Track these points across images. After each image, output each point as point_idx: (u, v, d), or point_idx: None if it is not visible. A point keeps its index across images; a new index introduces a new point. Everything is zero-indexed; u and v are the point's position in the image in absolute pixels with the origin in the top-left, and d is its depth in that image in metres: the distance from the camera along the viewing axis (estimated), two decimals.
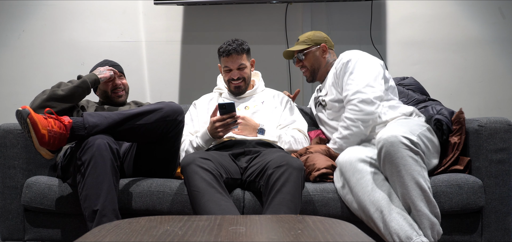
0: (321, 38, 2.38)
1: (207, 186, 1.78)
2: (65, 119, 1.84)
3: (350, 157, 1.92)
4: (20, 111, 1.77)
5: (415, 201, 1.79)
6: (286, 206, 1.76)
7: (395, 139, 1.80)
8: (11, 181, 2.11)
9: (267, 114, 2.35)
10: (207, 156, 1.91)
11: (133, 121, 1.92)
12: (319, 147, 2.17)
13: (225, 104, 2.10)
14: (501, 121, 2.00)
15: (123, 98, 2.47)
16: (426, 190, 1.80)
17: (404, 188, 1.80)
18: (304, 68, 2.39)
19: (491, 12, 3.15)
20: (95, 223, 1.73)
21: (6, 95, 3.18)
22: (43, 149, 1.80)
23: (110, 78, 2.39)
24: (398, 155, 1.80)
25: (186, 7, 3.19)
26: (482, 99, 3.16)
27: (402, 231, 1.75)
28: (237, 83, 2.36)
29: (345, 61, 2.19)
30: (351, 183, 1.89)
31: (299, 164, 1.86)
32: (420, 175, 1.80)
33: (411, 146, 1.81)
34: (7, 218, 2.10)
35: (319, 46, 2.36)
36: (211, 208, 1.73)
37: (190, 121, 2.40)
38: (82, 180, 1.80)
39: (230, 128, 2.14)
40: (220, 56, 2.36)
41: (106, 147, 1.80)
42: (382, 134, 1.86)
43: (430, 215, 1.79)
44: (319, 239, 1.07)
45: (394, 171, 1.82)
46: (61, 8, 3.20)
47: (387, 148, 1.82)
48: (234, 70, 2.33)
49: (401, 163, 1.80)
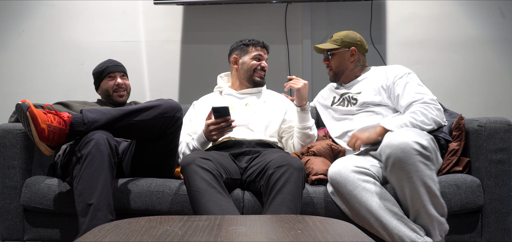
0: (354, 41, 2.34)
1: (207, 186, 1.78)
2: (64, 114, 1.85)
3: (339, 169, 1.90)
4: (20, 105, 1.77)
5: (426, 205, 1.78)
6: (287, 206, 1.76)
7: (406, 146, 1.76)
8: (11, 181, 2.11)
9: (269, 114, 2.36)
10: (207, 156, 1.91)
11: (131, 117, 1.92)
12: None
13: (219, 108, 2.09)
14: (501, 121, 2.00)
15: (124, 98, 2.48)
16: (436, 194, 1.79)
17: (414, 193, 1.78)
18: (329, 67, 2.39)
19: (491, 12, 3.15)
20: (89, 218, 1.72)
21: (6, 95, 3.18)
22: (42, 144, 1.80)
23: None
24: (409, 161, 1.76)
25: (186, 7, 3.19)
26: (482, 99, 3.16)
27: (406, 237, 1.76)
28: (262, 74, 2.44)
29: (407, 71, 2.21)
30: (344, 195, 1.87)
31: (299, 164, 1.86)
32: (431, 179, 1.79)
33: (422, 151, 1.77)
34: (6, 218, 2.10)
35: (349, 49, 2.33)
36: (211, 208, 1.73)
37: (188, 121, 2.40)
38: (78, 174, 1.79)
39: (224, 132, 2.14)
40: (249, 46, 2.43)
41: (104, 142, 1.80)
42: (391, 140, 1.81)
43: (439, 217, 1.80)
44: (319, 239, 1.07)
45: (404, 177, 1.79)
46: (61, 8, 3.20)
47: (397, 154, 1.77)
48: (264, 61, 2.44)
49: (413, 170, 1.76)
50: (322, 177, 2.01)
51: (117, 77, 2.46)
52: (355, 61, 2.34)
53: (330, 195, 1.94)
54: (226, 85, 2.50)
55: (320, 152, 2.16)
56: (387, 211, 1.79)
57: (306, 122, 2.26)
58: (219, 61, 3.13)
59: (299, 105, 2.26)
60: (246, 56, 2.42)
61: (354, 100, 2.26)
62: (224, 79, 2.55)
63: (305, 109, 2.26)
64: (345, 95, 2.32)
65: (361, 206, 1.83)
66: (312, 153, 2.17)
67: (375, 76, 2.27)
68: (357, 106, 2.23)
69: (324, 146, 2.17)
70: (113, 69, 2.47)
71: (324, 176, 2.01)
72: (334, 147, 2.17)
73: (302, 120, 2.26)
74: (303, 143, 2.28)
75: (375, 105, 2.20)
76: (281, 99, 2.46)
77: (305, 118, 2.26)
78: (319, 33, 3.15)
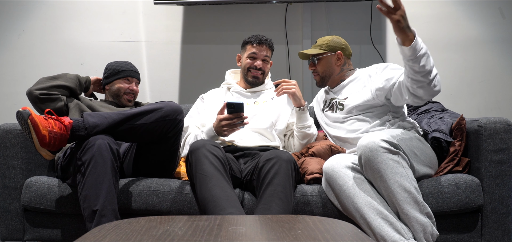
0: (339, 45, 2.33)
1: (215, 171, 1.79)
2: (65, 119, 1.85)
3: (332, 164, 1.90)
4: (20, 112, 1.77)
5: (401, 204, 1.75)
6: (278, 197, 1.76)
7: (373, 144, 1.76)
8: (11, 181, 2.11)
9: (276, 111, 2.36)
10: (216, 145, 1.92)
11: (133, 121, 1.92)
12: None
13: (234, 103, 2.06)
14: (501, 121, 2.00)
15: (131, 104, 2.50)
16: (412, 192, 1.75)
17: (389, 192, 1.77)
18: (315, 73, 2.36)
19: (491, 12, 3.15)
20: (95, 223, 1.73)
21: (6, 95, 3.18)
22: (43, 150, 1.81)
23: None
24: (377, 159, 1.76)
25: (186, 7, 3.19)
26: (482, 99, 3.16)
27: (388, 237, 1.72)
28: (256, 73, 2.39)
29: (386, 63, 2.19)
30: (335, 190, 1.87)
31: (288, 157, 1.87)
32: (403, 177, 1.75)
33: (390, 148, 1.76)
34: (7, 218, 2.10)
35: (335, 53, 2.32)
36: (217, 192, 1.73)
37: (196, 114, 2.39)
38: (82, 180, 1.80)
39: (236, 128, 2.12)
40: (247, 44, 2.41)
41: (106, 147, 1.80)
42: (361, 141, 1.82)
43: (419, 217, 1.74)
44: (319, 239, 1.07)
45: (376, 177, 1.78)
46: (61, 8, 3.20)
47: (365, 154, 1.78)
48: (259, 60, 2.37)
49: (382, 168, 1.76)
50: (317, 176, 2.01)
51: (133, 83, 2.48)
52: (341, 65, 2.33)
53: (325, 191, 1.95)
54: (234, 81, 2.49)
55: (320, 152, 2.16)
56: (372, 209, 1.77)
57: (305, 121, 2.26)
58: (219, 61, 3.13)
59: (298, 106, 2.26)
60: (244, 54, 2.42)
61: (341, 106, 2.25)
62: (232, 75, 2.55)
63: (303, 109, 2.26)
64: (333, 100, 2.33)
65: (348, 202, 1.83)
66: (311, 154, 2.17)
67: (359, 78, 2.26)
68: (344, 113, 2.22)
69: (324, 146, 2.17)
70: (133, 74, 2.49)
71: (320, 174, 2.01)
72: (334, 148, 2.17)
73: (302, 120, 2.26)
74: (302, 141, 2.28)
75: (362, 110, 2.17)
76: (288, 98, 2.45)
77: (304, 117, 2.26)
78: (319, 33, 3.15)
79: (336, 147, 2.18)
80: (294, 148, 2.35)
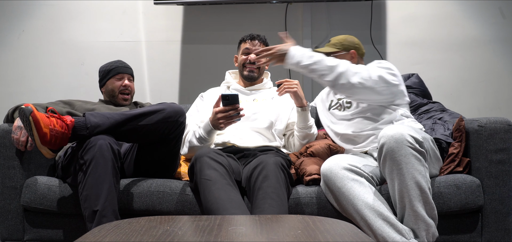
0: (352, 44, 2.34)
1: (219, 176, 1.80)
2: (67, 118, 1.84)
3: (330, 166, 1.89)
4: (22, 109, 1.77)
5: (413, 201, 1.75)
6: (269, 197, 1.76)
7: (400, 136, 1.76)
8: (11, 181, 2.11)
9: (276, 109, 2.36)
10: (220, 153, 1.94)
11: (135, 121, 1.92)
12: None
13: (228, 95, 2.06)
14: (501, 121, 2.00)
15: (128, 102, 2.48)
16: (426, 191, 1.76)
17: (403, 186, 1.77)
18: None
19: (491, 12, 3.15)
20: (95, 224, 1.73)
21: (6, 95, 3.18)
22: (44, 148, 1.80)
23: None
24: (401, 152, 1.76)
25: (186, 7, 3.19)
26: (482, 99, 3.16)
27: (390, 238, 1.73)
28: (251, 67, 2.40)
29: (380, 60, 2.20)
30: (334, 192, 1.87)
31: (274, 159, 1.89)
32: (422, 175, 1.76)
33: (415, 145, 1.77)
34: (7, 218, 2.10)
35: (348, 52, 2.32)
36: (221, 196, 1.73)
37: (196, 112, 2.40)
38: (82, 180, 1.80)
39: (232, 120, 2.11)
40: (241, 42, 2.45)
41: (107, 147, 1.80)
42: (386, 131, 1.81)
43: (426, 217, 1.76)
44: (319, 239, 1.07)
45: (394, 168, 1.78)
46: (61, 8, 3.20)
47: (390, 144, 1.77)
48: (253, 54, 2.38)
49: (403, 161, 1.76)
50: (316, 177, 2.01)
51: (125, 79, 2.46)
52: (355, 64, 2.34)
53: (324, 193, 1.95)
54: (234, 81, 2.51)
55: (318, 152, 2.15)
56: (373, 211, 1.77)
57: (306, 121, 2.26)
58: (219, 61, 3.13)
59: (300, 106, 2.26)
60: (239, 53, 2.45)
61: (348, 104, 2.25)
62: (232, 75, 2.56)
63: (305, 109, 2.26)
64: (340, 100, 2.32)
65: (348, 204, 1.82)
66: (310, 153, 2.16)
67: None
68: (351, 111, 2.22)
69: (323, 146, 2.16)
70: (122, 69, 2.47)
71: (318, 175, 2.01)
72: (332, 147, 2.17)
73: (303, 120, 2.26)
74: (303, 141, 2.28)
75: (369, 109, 2.17)
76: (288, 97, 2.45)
77: (306, 117, 2.26)
78: (319, 34, 3.15)
79: (335, 147, 2.18)
80: (294, 148, 2.34)
